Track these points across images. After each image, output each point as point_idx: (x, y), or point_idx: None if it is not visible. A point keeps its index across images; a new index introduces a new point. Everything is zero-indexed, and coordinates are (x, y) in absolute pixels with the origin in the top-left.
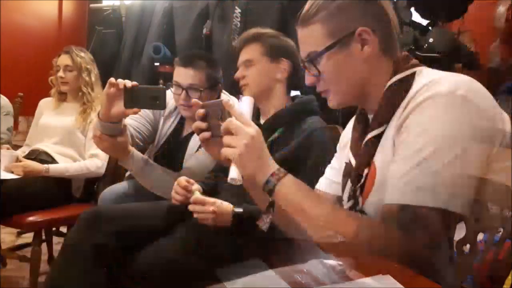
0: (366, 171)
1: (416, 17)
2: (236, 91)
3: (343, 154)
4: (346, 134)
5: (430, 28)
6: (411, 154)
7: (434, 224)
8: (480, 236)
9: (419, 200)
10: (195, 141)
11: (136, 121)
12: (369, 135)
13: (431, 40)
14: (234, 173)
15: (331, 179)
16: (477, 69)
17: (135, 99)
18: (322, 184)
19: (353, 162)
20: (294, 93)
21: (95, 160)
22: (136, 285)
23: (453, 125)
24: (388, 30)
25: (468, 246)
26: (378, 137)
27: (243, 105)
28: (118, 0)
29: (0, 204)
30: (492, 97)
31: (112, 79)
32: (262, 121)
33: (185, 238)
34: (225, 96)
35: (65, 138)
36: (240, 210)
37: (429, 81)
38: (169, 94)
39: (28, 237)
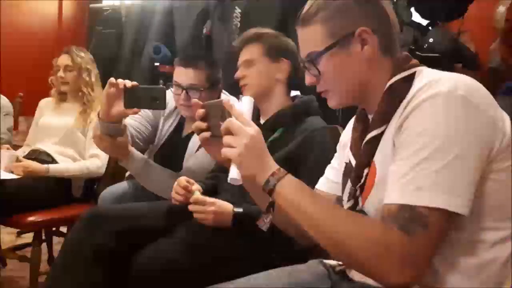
0: (366, 171)
1: (416, 17)
2: (236, 91)
3: (343, 154)
4: (346, 134)
5: (430, 28)
6: (411, 154)
7: (434, 224)
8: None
9: (419, 200)
10: (195, 141)
11: (136, 121)
12: (369, 135)
13: (431, 40)
14: (234, 173)
15: (331, 179)
16: (477, 69)
17: (135, 99)
18: (322, 184)
19: (353, 162)
20: (294, 93)
21: (95, 160)
22: (136, 285)
23: (453, 125)
24: (388, 30)
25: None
26: (378, 137)
27: (243, 105)
28: (118, 0)
29: (0, 204)
30: (492, 97)
31: (112, 79)
32: (262, 121)
33: (185, 238)
34: (225, 96)
35: (65, 138)
36: (240, 210)
37: (429, 81)
38: (169, 94)
39: (28, 237)
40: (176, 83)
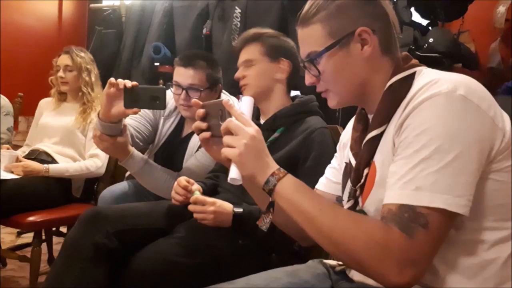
0: (366, 171)
1: (416, 17)
2: (236, 91)
3: (343, 154)
4: (346, 134)
5: (430, 28)
6: (411, 154)
7: (434, 224)
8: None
9: (419, 200)
10: (195, 141)
11: (136, 121)
12: (369, 135)
13: (431, 40)
14: (234, 173)
15: (331, 179)
16: (477, 69)
17: (135, 99)
18: (322, 184)
19: (353, 162)
20: (294, 93)
21: (95, 160)
22: (136, 285)
23: (452, 125)
24: (388, 30)
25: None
26: (378, 137)
27: (243, 105)
28: (118, 0)
29: (0, 204)
30: (492, 97)
31: (112, 79)
32: (262, 121)
33: (185, 238)
34: (225, 96)
35: (65, 138)
36: (240, 210)
37: (429, 81)
38: (169, 94)
39: (28, 237)
40: (176, 83)
